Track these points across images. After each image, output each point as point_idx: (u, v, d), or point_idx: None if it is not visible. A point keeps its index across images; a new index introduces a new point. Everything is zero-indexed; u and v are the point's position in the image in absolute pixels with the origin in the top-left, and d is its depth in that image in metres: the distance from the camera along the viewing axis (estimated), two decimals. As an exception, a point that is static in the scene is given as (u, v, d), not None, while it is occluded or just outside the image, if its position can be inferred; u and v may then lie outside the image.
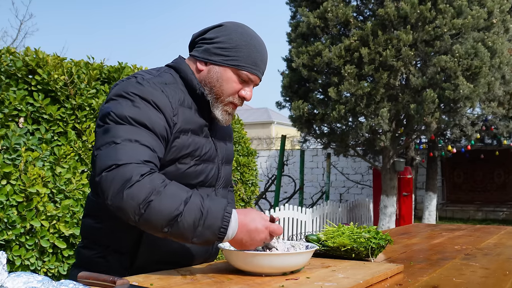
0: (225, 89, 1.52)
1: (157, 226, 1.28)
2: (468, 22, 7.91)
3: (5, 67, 3.30)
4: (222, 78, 1.51)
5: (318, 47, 8.44)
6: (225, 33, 1.51)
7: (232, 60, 1.50)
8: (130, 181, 1.26)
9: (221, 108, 1.54)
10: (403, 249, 2.10)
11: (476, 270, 1.62)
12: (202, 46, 1.54)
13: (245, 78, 1.52)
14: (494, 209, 14.06)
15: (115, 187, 1.27)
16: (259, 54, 1.54)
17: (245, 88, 1.54)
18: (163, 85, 1.46)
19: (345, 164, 15.50)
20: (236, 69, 1.51)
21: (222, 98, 1.53)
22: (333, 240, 1.73)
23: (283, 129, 24.66)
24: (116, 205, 1.28)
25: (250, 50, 1.51)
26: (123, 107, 1.38)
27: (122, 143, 1.33)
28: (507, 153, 12.97)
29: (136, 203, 1.25)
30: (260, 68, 1.54)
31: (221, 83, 1.51)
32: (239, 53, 1.50)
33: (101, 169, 1.31)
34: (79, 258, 1.56)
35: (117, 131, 1.35)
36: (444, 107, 8.29)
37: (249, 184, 5.46)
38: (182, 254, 1.53)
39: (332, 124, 9.20)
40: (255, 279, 1.33)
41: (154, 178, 1.29)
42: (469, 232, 2.81)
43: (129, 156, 1.30)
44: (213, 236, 1.31)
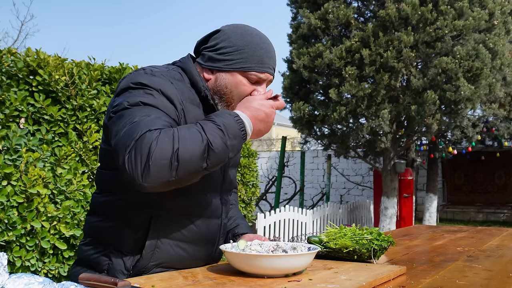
0: (235, 94, 1.47)
1: (196, 167, 1.25)
2: (469, 24, 7.91)
3: (6, 67, 3.30)
4: (231, 84, 1.47)
5: (319, 49, 8.44)
6: (224, 37, 1.48)
7: (237, 63, 1.46)
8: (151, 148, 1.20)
9: None
10: (405, 251, 2.09)
11: (479, 272, 1.61)
12: (205, 55, 1.50)
13: (255, 79, 1.48)
14: (495, 210, 14.04)
15: (143, 155, 1.21)
16: (264, 51, 1.49)
17: (258, 89, 1.49)
18: (172, 79, 1.43)
19: (345, 166, 15.49)
20: (243, 71, 1.46)
21: (234, 104, 1.48)
22: (335, 242, 1.72)
23: (284, 130, 24.66)
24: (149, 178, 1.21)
25: (254, 48, 1.47)
26: (135, 95, 1.35)
27: (138, 121, 1.28)
28: (508, 155, 12.97)
29: (166, 161, 1.21)
30: (268, 65, 1.49)
31: (231, 89, 1.47)
32: (242, 54, 1.46)
33: (122, 151, 1.25)
34: (81, 255, 1.53)
35: (132, 113, 1.31)
36: (445, 108, 8.29)
37: (250, 185, 5.45)
38: (186, 258, 1.50)
39: (333, 126, 9.20)
40: (257, 281, 1.33)
41: (166, 130, 1.25)
42: (471, 234, 2.81)
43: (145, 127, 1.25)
44: (241, 141, 1.34)
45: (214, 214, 1.55)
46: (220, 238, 1.60)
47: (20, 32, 18.63)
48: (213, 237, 1.56)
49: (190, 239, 1.49)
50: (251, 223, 5.57)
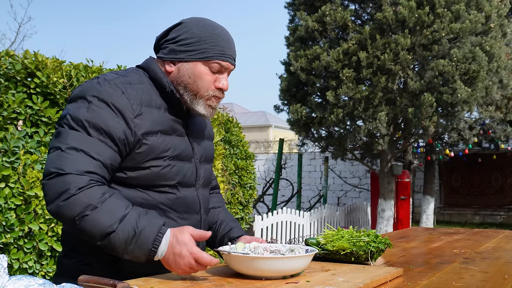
0: (199, 84, 1.51)
1: (90, 239, 1.33)
2: (466, 27, 7.94)
3: (4, 70, 3.30)
4: (193, 73, 1.50)
5: (316, 51, 8.45)
6: (186, 29, 1.51)
7: (199, 53, 1.49)
8: (67, 193, 1.29)
9: (202, 103, 1.53)
10: (402, 253, 2.10)
11: (475, 274, 1.62)
12: (167, 47, 1.53)
13: (217, 68, 1.51)
14: (492, 213, 14.07)
15: (54, 196, 1.31)
16: (225, 42, 1.52)
17: (219, 78, 1.53)
18: (126, 85, 1.45)
19: (343, 168, 15.50)
20: (206, 60, 1.49)
21: (200, 93, 1.52)
22: (332, 244, 1.73)
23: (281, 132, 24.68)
24: (53, 213, 1.33)
25: (215, 39, 1.50)
26: (80, 110, 1.38)
27: (67, 151, 1.34)
28: (505, 157, 13.00)
29: (71, 215, 1.30)
30: (229, 54, 1.53)
31: (194, 79, 1.50)
32: (204, 45, 1.49)
33: (44, 174, 1.34)
34: (62, 267, 1.54)
35: (66, 137, 1.36)
36: (442, 111, 8.31)
37: (247, 187, 5.46)
38: None
39: (330, 128, 9.20)
40: (255, 283, 1.33)
41: (93, 192, 1.31)
42: (467, 236, 2.82)
43: (70, 165, 1.32)
44: (143, 255, 1.34)
45: (192, 209, 1.57)
46: None
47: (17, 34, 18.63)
48: None
49: None
50: (249, 225, 5.58)
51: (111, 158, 1.39)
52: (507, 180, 14.08)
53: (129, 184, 1.45)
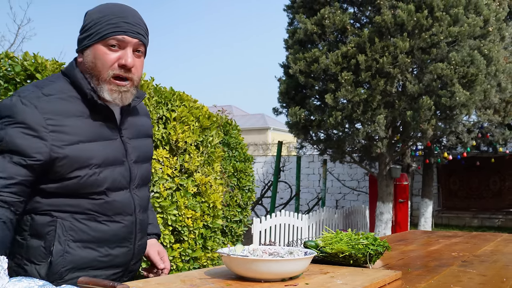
0: (99, 65, 1.47)
1: None
2: (464, 30, 7.96)
3: (4, 71, 3.30)
4: (94, 56, 1.47)
5: (315, 54, 8.47)
6: (87, 18, 1.50)
7: (95, 35, 1.46)
8: None
9: (107, 88, 1.48)
10: (400, 256, 2.11)
11: (473, 277, 1.63)
12: (78, 41, 1.52)
13: (113, 43, 1.46)
14: (490, 216, 14.08)
15: None
16: (120, 17, 1.48)
17: (122, 55, 1.47)
18: (41, 99, 1.42)
19: (341, 171, 15.51)
20: (102, 40, 1.46)
21: (102, 76, 1.47)
22: (331, 247, 1.74)
23: (280, 135, 24.68)
24: None
25: (109, 17, 1.47)
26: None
27: None
28: (503, 160, 13.01)
29: None
30: (124, 27, 1.47)
31: (95, 62, 1.47)
32: (99, 25, 1.46)
33: None
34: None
35: None
36: (440, 114, 8.32)
37: (246, 190, 5.46)
38: (100, 259, 1.50)
39: (329, 131, 9.21)
40: (254, 285, 1.34)
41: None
42: (465, 239, 2.82)
43: None
44: None
45: (126, 211, 1.55)
46: (137, 235, 1.60)
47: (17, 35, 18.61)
48: (127, 235, 1.56)
49: (100, 239, 1.49)
50: (247, 227, 5.58)
51: (22, 174, 1.37)
52: (505, 184, 14.10)
53: (55, 193, 1.44)
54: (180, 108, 4.29)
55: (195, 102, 4.64)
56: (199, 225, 4.27)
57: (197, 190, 4.28)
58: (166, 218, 3.93)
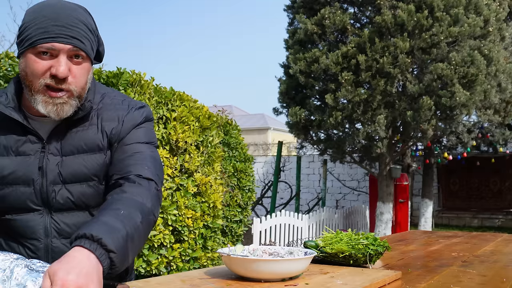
0: (30, 73, 1.28)
1: None
2: (465, 30, 7.96)
3: (4, 71, 3.30)
4: (25, 66, 1.29)
5: (315, 54, 8.47)
6: (25, 18, 1.31)
7: (25, 41, 1.28)
8: None
9: (40, 99, 1.29)
10: (400, 256, 2.11)
11: (473, 277, 1.63)
12: None
13: (43, 50, 1.27)
14: (490, 216, 14.08)
15: None
16: (50, 20, 1.27)
17: (54, 63, 1.27)
18: None
19: (341, 171, 15.51)
20: (31, 48, 1.27)
21: (34, 86, 1.29)
22: (331, 247, 1.74)
23: (280, 135, 24.67)
24: None
25: (39, 21, 1.27)
26: None
27: None
28: (503, 161, 13.01)
29: None
30: (54, 32, 1.27)
31: (26, 71, 1.29)
32: (28, 31, 1.27)
33: None
34: None
35: None
36: (440, 114, 8.32)
37: (246, 190, 5.47)
38: None
39: (329, 131, 9.22)
40: (254, 285, 1.34)
41: None
42: (465, 239, 2.82)
43: None
44: None
45: (30, 235, 1.37)
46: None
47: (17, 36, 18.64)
48: None
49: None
50: (247, 227, 5.58)
51: None
52: (505, 184, 14.10)
53: None
54: (180, 108, 4.29)
55: (195, 102, 4.64)
56: (199, 225, 4.27)
57: (197, 190, 4.28)
58: (166, 218, 3.94)
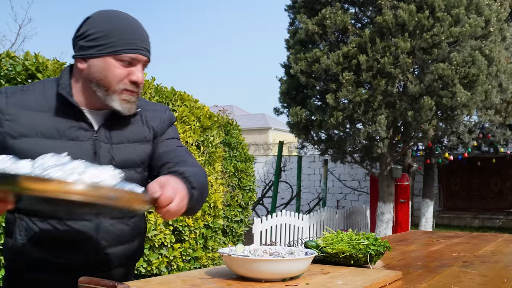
0: (111, 78, 1.44)
1: None
2: (466, 31, 7.95)
3: (5, 71, 3.31)
4: (104, 68, 1.44)
5: (316, 54, 8.46)
6: (93, 24, 1.45)
7: (107, 47, 1.43)
8: None
9: (117, 98, 1.46)
10: (401, 256, 2.11)
11: (474, 277, 1.63)
12: (76, 45, 1.48)
13: (126, 59, 1.45)
14: (491, 216, 14.07)
15: None
16: (133, 34, 1.46)
17: (133, 71, 1.46)
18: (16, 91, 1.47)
19: (342, 171, 15.50)
20: (114, 54, 1.44)
21: (112, 88, 1.45)
22: (332, 247, 1.74)
23: (281, 135, 24.67)
24: None
25: (122, 32, 1.45)
26: None
27: None
28: (504, 161, 13.00)
29: None
30: (138, 46, 1.46)
31: (105, 74, 1.44)
32: (111, 38, 1.43)
33: None
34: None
35: None
36: (441, 114, 8.31)
37: (247, 190, 5.46)
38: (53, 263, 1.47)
39: (330, 131, 9.21)
40: (255, 285, 1.34)
41: None
42: (466, 240, 2.82)
43: None
44: None
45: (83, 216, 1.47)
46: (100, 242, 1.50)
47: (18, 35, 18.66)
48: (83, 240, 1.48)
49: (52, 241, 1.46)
50: (248, 227, 5.58)
51: None
52: (506, 184, 14.09)
53: None
54: (181, 108, 4.29)
55: (196, 102, 4.64)
56: (200, 225, 4.27)
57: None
58: (167, 218, 3.93)
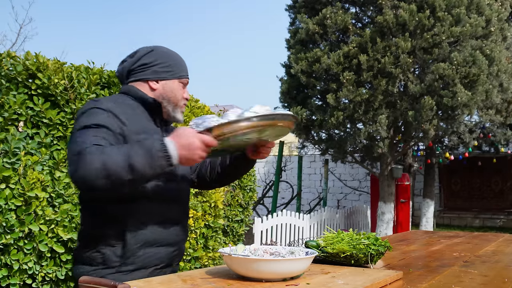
0: (178, 96, 1.92)
1: (121, 178, 1.50)
2: (466, 30, 7.94)
3: (6, 71, 3.31)
4: (175, 89, 1.91)
5: (317, 54, 8.46)
6: (161, 55, 1.91)
7: (176, 73, 1.92)
8: (83, 153, 1.52)
9: (179, 111, 1.94)
10: (401, 256, 2.11)
11: (474, 277, 1.62)
12: (147, 70, 1.88)
13: (185, 82, 1.95)
14: (492, 216, 14.07)
15: (75, 166, 1.52)
16: (185, 64, 2.00)
17: (185, 91, 1.97)
18: (116, 102, 1.79)
19: (342, 171, 15.50)
20: (179, 79, 1.93)
21: (178, 104, 1.92)
22: (332, 247, 1.74)
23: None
24: (80, 179, 1.51)
25: (180, 63, 1.96)
26: (84, 120, 1.69)
27: (82, 141, 1.60)
28: (505, 161, 12.99)
29: (94, 168, 1.49)
30: (187, 72, 1.99)
31: (175, 93, 1.91)
32: (176, 67, 1.93)
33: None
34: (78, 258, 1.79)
35: (79, 135, 1.64)
36: (442, 114, 8.31)
37: (247, 189, 5.46)
38: (160, 238, 1.77)
39: (330, 131, 9.21)
40: (256, 285, 1.34)
41: (100, 148, 1.55)
42: (467, 239, 2.82)
43: (84, 143, 1.58)
44: (165, 162, 1.55)
45: (174, 199, 1.86)
46: (187, 219, 2.01)
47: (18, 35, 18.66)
48: (181, 218, 1.91)
49: (159, 220, 1.78)
50: (248, 227, 5.58)
51: (113, 140, 1.67)
52: (507, 184, 14.08)
53: None
54: (181, 107, 4.29)
55: (197, 101, 4.64)
56: (200, 225, 4.27)
57: (199, 190, 4.28)
58: (167, 218, 3.93)
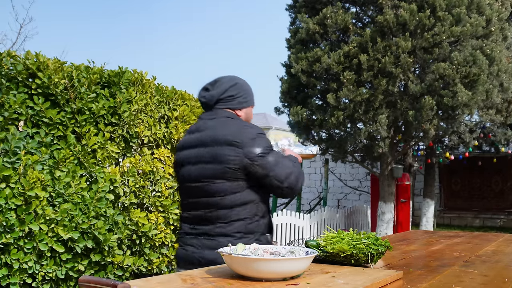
0: (251, 117, 2.40)
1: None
2: (467, 30, 7.94)
3: (6, 70, 3.31)
4: (251, 113, 2.39)
5: (317, 53, 8.46)
6: (242, 88, 2.33)
7: (251, 102, 2.38)
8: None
9: None
10: (401, 256, 2.11)
11: (475, 277, 1.62)
12: (234, 100, 2.29)
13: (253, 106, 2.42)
14: (492, 216, 14.06)
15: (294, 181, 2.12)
16: (252, 92, 2.43)
17: None
18: None
19: (343, 170, 15.50)
20: (252, 106, 2.41)
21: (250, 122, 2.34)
22: (332, 246, 1.74)
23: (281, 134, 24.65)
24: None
25: (252, 92, 2.41)
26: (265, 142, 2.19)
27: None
28: (505, 161, 12.99)
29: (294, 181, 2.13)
30: None
31: (251, 116, 2.40)
32: (251, 97, 2.39)
33: None
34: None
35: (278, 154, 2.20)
36: (442, 114, 8.31)
37: (248, 189, 5.45)
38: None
39: (331, 130, 9.20)
40: (256, 284, 1.34)
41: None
42: (467, 239, 2.82)
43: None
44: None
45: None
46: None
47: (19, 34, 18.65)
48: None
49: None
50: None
51: None
52: (507, 184, 14.07)
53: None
54: (181, 107, 4.29)
55: (197, 101, 4.64)
56: (200, 224, 4.26)
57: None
58: (167, 217, 3.94)
